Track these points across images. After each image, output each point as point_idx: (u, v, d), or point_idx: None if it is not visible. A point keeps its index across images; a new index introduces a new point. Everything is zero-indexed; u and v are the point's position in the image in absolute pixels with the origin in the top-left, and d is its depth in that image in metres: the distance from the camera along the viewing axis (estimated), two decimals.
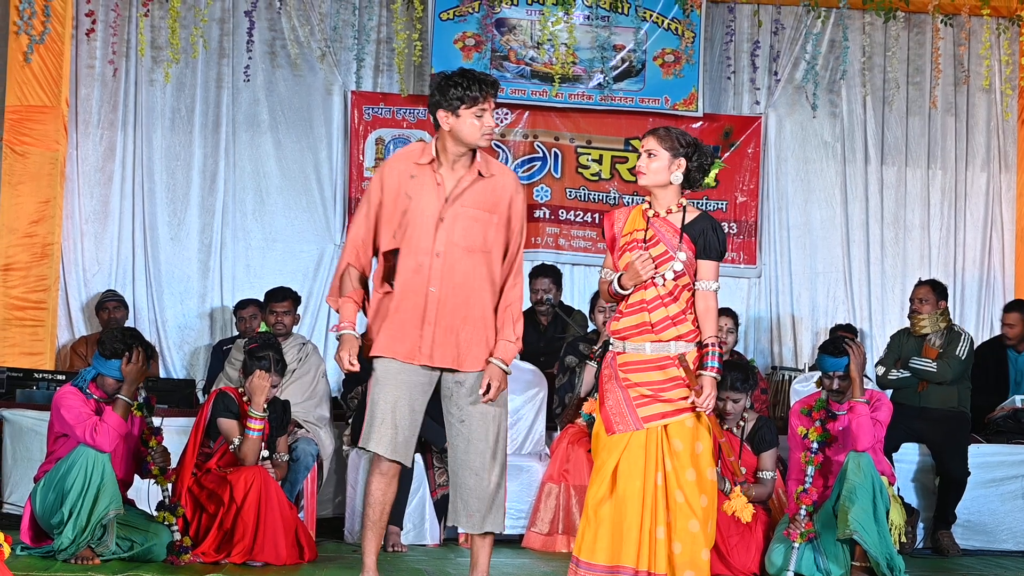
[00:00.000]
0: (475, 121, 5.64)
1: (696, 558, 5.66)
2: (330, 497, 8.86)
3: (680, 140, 5.81)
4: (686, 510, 5.64)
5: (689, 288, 5.74)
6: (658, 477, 5.66)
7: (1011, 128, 11.35)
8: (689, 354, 5.69)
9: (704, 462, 5.70)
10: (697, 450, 5.69)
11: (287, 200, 10.86)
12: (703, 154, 5.86)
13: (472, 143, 5.67)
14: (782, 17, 11.12)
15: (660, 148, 5.79)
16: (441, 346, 5.66)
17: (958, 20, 11.04)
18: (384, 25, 10.92)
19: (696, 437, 5.69)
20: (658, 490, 5.66)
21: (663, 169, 5.79)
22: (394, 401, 5.66)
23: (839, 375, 7.37)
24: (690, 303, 5.73)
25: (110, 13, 10.52)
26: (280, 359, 7.46)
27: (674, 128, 5.91)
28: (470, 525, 5.76)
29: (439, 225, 5.65)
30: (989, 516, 8.95)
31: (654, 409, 5.68)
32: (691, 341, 5.71)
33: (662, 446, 5.67)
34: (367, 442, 5.69)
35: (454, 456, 5.76)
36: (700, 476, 5.68)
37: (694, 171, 5.84)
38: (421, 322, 5.64)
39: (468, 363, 5.70)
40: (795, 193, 11.27)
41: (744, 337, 10.91)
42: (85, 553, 6.77)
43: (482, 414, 5.69)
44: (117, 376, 6.89)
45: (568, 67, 10.78)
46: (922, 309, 9.12)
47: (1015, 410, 9.21)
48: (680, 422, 5.67)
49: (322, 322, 10.79)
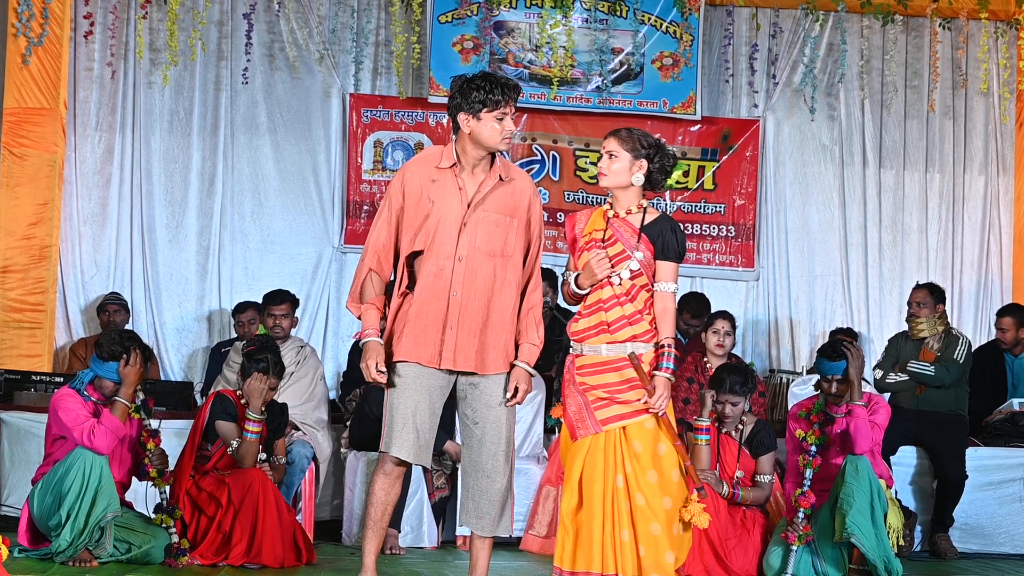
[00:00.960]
0: (496, 125, 5.66)
1: (660, 561, 5.62)
2: (328, 500, 8.85)
3: (642, 142, 5.80)
4: (647, 513, 5.62)
5: (648, 289, 5.74)
6: (618, 480, 5.64)
7: (1009, 132, 11.35)
8: (646, 355, 5.69)
9: (668, 463, 5.68)
10: (660, 452, 5.67)
11: (285, 203, 10.86)
12: (665, 155, 5.83)
13: (492, 147, 5.69)
14: (780, 20, 11.14)
15: (621, 149, 5.80)
16: (463, 350, 5.65)
17: (956, 24, 11.04)
18: (382, 28, 10.93)
19: (658, 439, 5.67)
20: (618, 493, 5.64)
21: (624, 171, 5.80)
22: (415, 406, 5.64)
23: (837, 378, 7.37)
24: (648, 304, 5.74)
25: (108, 15, 10.52)
26: (278, 361, 7.45)
27: (636, 129, 5.90)
28: (480, 527, 5.75)
29: (462, 230, 5.65)
30: (987, 519, 8.95)
31: (611, 411, 5.67)
32: (647, 341, 5.70)
33: (621, 448, 5.65)
34: (389, 447, 5.65)
35: (467, 458, 5.76)
36: (663, 478, 5.65)
37: (656, 172, 5.81)
38: (443, 326, 5.64)
39: (490, 367, 5.70)
40: (793, 196, 11.27)
41: (742, 340, 10.91)
42: (83, 555, 6.77)
43: (496, 417, 5.70)
44: (115, 378, 6.89)
45: (566, 70, 10.78)
46: (920, 313, 9.12)
47: (1012, 413, 9.22)
48: (639, 424, 5.66)
49: (320, 325, 10.79)
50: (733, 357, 8.99)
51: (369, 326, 5.66)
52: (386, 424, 5.69)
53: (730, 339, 8.86)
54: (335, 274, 10.81)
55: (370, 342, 5.63)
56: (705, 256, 11.05)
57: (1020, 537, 8.93)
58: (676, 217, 10.89)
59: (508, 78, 5.81)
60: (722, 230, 11.05)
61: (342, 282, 10.77)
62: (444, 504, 8.31)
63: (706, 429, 7.52)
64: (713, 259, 11.04)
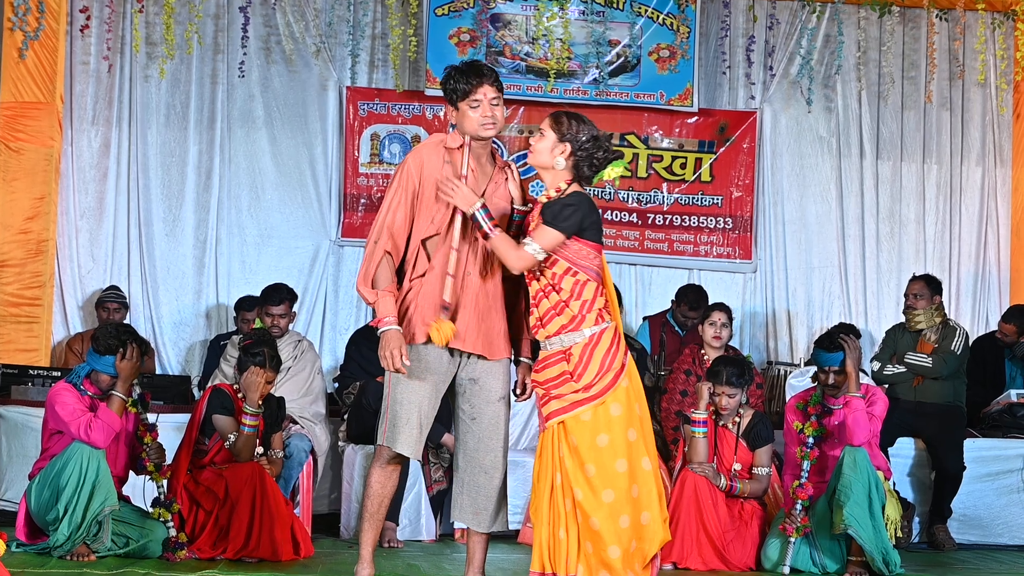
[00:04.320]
0: (472, 113, 5.63)
1: (603, 555, 5.51)
2: (325, 493, 8.86)
3: (572, 127, 5.61)
4: (586, 507, 5.50)
5: (572, 274, 5.57)
6: (556, 477, 5.56)
7: (1006, 123, 11.35)
8: (576, 346, 5.56)
9: (608, 455, 5.52)
10: (600, 443, 5.52)
11: (282, 196, 10.85)
12: (597, 148, 5.62)
13: (472, 134, 5.65)
14: (777, 12, 11.13)
15: (549, 130, 5.63)
16: (473, 332, 5.62)
17: (953, 14, 11.03)
18: (379, 21, 10.91)
19: (596, 430, 5.53)
20: (556, 490, 5.55)
21: (546, 151, 5.62)
22: (420, 400, 5.61)
23: (835, 370, 7.38)
24: (574, 290, 5.56)
25: (104, 9, 10.50)
26: (275, 355, 7.45)
27: (577, 116, 5.68)
28: (478, 523, 5.74)
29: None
30: (985, 510, 8.96)
31: (551, 407, 5.59)
32: (576, 329, 5.55)
33: (560, 444, 5.56)
34: (394, 443, 5.60)
35: (463, 453, 5.73)
36: (604, 470, 5.51)
37: (581, 162, 5.61)
38: (456, 307, 5.61)
39: (496, 351, 5.69)
40: (790, 188, 11.26)
41: (740, 332, 10.91)
42: (80, 550, 6.78)
43: (494, 413, 5.69)
44: (111, 372, 6.89)
45: (563, 62, 10.76)
46: (917, 304, 9.13)
47: (1010, 404, 9.22)
48: (575, 417, 5.54)
49: (317, 318, 10.78)
50: (730, 349, 8.99)
51: (388, 313, 5.52)
52: (387, 417, 5.63)
53: (727, 331, 8.86)
54: (332, 267, 10.80)
55: (391, 331, 5.50)
56: (702, 248, 11.04)
57: (1018, 528, 8.95)
58: (673, 209, 10.96)
59: (478, 63, 5.72)
60: (719, 222, 11.04)
61: (339, 275, 10.77)
62: (442, 497, 8.31)
63: (703, 421, 7.53)
64: (710, 251, 11.03)
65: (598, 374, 5.54)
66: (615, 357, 5.58)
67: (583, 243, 5.58)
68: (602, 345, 5.57)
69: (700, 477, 7.43)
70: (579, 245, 5.57)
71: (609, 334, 5.60)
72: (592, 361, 5.55)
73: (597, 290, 5.62)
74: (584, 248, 5.59)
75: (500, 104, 5.67)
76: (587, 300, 5.58)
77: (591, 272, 5.61)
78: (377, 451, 5.71)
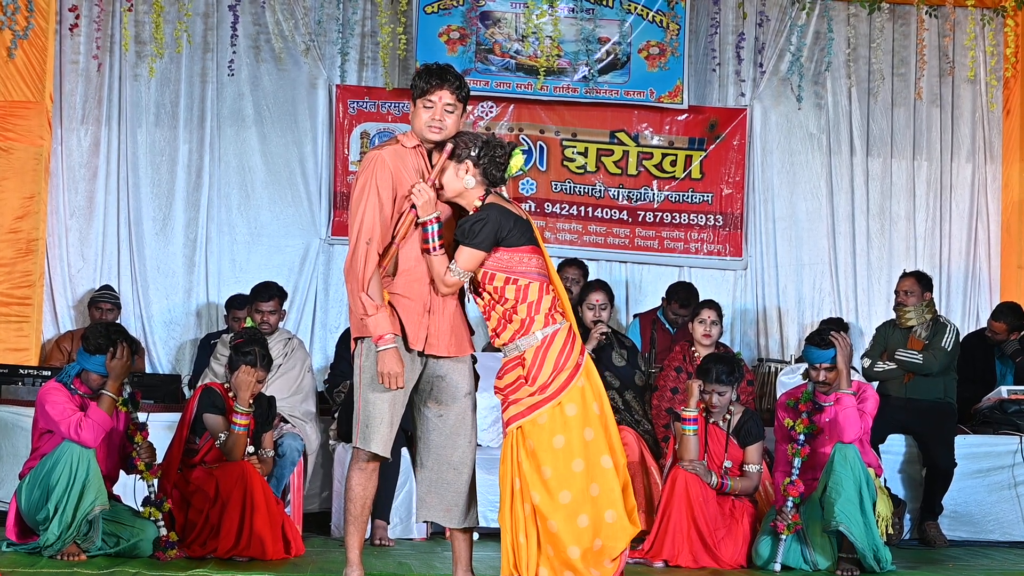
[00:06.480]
0: (423, 113, 5.62)
1: (564, 556, 5.53)
2: (316, 492, 8.85)
3: (460, 145, 5.60)
4: (543, 510, 5.53)
5: (513, 282, 5.60)
6: (515, 482, 5.59)
7: (996, 119, 11.36)
8: (529, 349, 5.59)
9: (565, 456, 5.54)
10: (556, 444, 5.55)
11: (272, 195, 10.84)
12: (493, 148, 5.63)
13: (419, 133, 5.64)
14: (767, 9, 11.13)
15: (446, 162, 5.63)
16: (443, 336, 5.64)
17: (943, 11, 11.04)
18: (368, 19, 10.90)
19: (553, 431, 5.56)
20: (515, 495, 5.59)
21: (452, 179, 5.61)
22: (392, 399, 5.60)
23: (826, 367, 7.38)
24: (518, 295, 5.59)
25: (94, 8, 10.48)
26: (266, 354, 7.44)
27: (458, 134, 5.65)
28: (449, 519, 5.74)
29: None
30: (976, 507, 8.97)
31: (509, 412, 5.62)
32: (528, 333, 5.59)
33: (518, 449, 5.59)
34: (368, 443, 5.60)
35: (429, 451, 5.72)
36: (561, 471, 5.53)
37: (488, 168, 5.61)
38: (425, 310, 5.62)
39: (465, 348, 5.73)
40: (781, 185, 11.26)
41: (730, 329, 10.91)
42: (71, 549, 6.77)
43: (462, 409, 5.70)
44: (102, 371, 6.88)
45: (553, 60, 10.76)
46: (907, 301, 9.13)
47: (1001, 400, 9.23)
48: (532, 420, 5.57)
49: (307, 317, 10.78)
50: (721, 346, 8.98)
51: (388, 331, 5.48)
52: (360, 418, 5.63)
53: (717, 328, 8.85)
54: (322, 266, 10.80)
55: (392, 349, 5.48)
56: (693, 245, 11.04)
57: (1009, 524, 8.96)
58: (663, 207, 10.97)
59: (445, 66, 5.69)
60: (710, 219, 11.05)
61: (330, 274, 10.76)
62: None
63: (694, 419, 7.52)
64: (701, 248, 11.04)
65: (552, 374, 5.58)
66: (569, 357, 5.61)
67: (512, 251, 5.60)
68: (555, 346, 5.61)
69: (691, 475, 7.42)
70: (508, 254, 5.60)
71: (562, 335, 5.64)
72: (546, 363, 5.59)
73: (542, 288, 5.65)
74: (516, 255, 5.61)
75: (456, 113, 5.62)
76: (533, 301, 5.62)
77: (531, 275, 5.64)
78: (354, 454, 5.70)
